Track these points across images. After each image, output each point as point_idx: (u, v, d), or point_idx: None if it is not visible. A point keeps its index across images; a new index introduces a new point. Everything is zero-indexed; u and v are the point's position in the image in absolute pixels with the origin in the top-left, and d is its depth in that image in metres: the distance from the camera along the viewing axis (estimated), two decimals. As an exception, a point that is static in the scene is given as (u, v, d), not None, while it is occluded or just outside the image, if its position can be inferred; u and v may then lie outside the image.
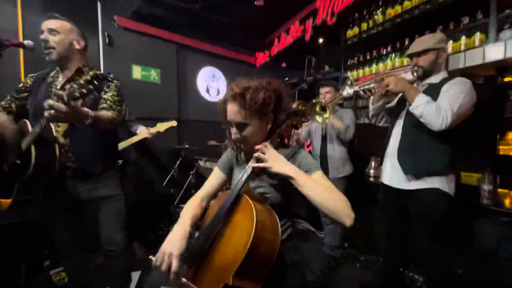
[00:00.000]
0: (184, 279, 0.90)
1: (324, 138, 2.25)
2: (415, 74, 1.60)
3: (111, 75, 1.43)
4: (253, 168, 0.98)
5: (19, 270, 1.88)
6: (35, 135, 1.22)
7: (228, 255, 0.88)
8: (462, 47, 1.86)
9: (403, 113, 1.63)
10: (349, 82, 1.65)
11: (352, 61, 2.83)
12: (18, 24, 2.27)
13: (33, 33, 2.30)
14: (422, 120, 1.43)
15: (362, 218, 2.55)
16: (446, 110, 1.35)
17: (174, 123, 2.56)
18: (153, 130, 2.46)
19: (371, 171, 2.62)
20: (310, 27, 2.86)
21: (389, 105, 1.80)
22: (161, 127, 2.54)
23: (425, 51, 1.53)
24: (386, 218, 1.81)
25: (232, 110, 0.98)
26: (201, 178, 2.95)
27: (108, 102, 1.34)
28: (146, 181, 2.96)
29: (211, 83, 3.72)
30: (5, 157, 1.26)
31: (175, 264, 0.89)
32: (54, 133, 1.30)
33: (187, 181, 2.86)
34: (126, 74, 2.87)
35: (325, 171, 1.70)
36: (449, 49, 1.90)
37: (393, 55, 2.37)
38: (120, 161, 1.65)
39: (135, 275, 2.07)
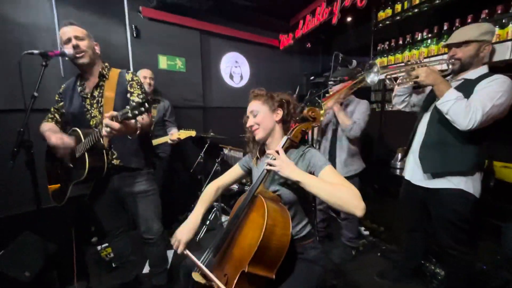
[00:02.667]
0: (186, 251, 1.17)
1: (334, 133, 2.14)
2: (450, 66, 1.51)
3: (129, 74, 1.56)
4: (266, 171, 1.10)
5: (71, 245, 2.20)
6: (89, 145, 1.39)
7: (244, 247, 1.04)
8: (510, 35, 1.68)
9: (431, 107, 1.56)
10: (375, 69, 1.57)
11: (382, 46, 2.67)
12: (54, 19, 2.43)
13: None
14: (448, 117, 1.36)
15: (385, 207, 2.56)
16: (476, 110, 1.27)
17: (193, 133, 2.71)
18: (174, 136, 2.62)
19: (397, 163, 2.57)
20: (338, 10, 2.71)
21: (418, 96, 1.72)
22: (182, 134, 2.70)
23: (466, 43, 1.41)
24: (406, 213, 1.82)
25: (254, 105, 1.21)
26: (226, 166, 3.08)
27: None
28: (176, 168, 3.17)
29: (234, 69, 3.73)
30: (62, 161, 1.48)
31: (180, 248, 1.18)
32: (102, 140, 1.47)
33: (213, 168, 3.01)
34: (153, 64, 2.97)
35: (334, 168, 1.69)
36: (494, 38, 1.73)
37: (429, 41, 2.20)
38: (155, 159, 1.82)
39: (170, 253, 2.32)
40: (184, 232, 1.21)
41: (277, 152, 1.11)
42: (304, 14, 3.43)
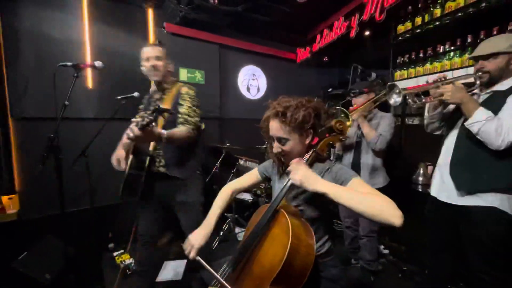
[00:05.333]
0: (198, 258, 1.14)
1: (357, 146, 2.10)
2: (478, 81, 1.45)
3: (185, 88, 1.67)
4: (290, 185, 1.05)
5: (90, 250, 2.25)
6: (128, 147, 1.51)
7: (265, 265, 0.97)
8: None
9: (460, 122, 1.50)
10: (397, 91, 1.55)
11: (402, 58, 2.63)
12: (85, 35, 2.61)
13: (98, 42, 2.67)
14: (478, 137, 1.31)
15: (406, 225, 2.43)
16: (508, 130, 1.20)
17: (202, 126, 2.75)
18: None
19: (420, 179, 2.47)
20: (356, 24, 2.72)
21: (445, 110, 1.65)
22: None
23: (494, 55, 1.36)
24: (432, 232, 1.71)
25: (274, 126, 1.07)
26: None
27: (184, 116, 1.59)
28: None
29: (251, 81, 3.80)
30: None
31: (192, 254, 1.14)
32: (150, 146, 1.57)
33: (229, 179, 3.03)
34: (174, 77, 3.09)
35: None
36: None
37: (452, 53, 2.15)
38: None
39: (181, 264, 2.32)
40: (197, 237, 1.18)
41: (297, 163, 1.04)
42: (322, 28, 3.48)
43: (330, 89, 2.01)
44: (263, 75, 3.88)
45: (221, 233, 2.81)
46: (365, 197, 0.90)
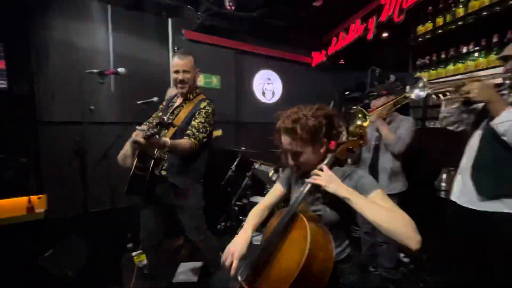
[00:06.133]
0: (239, 277, 1.05)
1: (376, 148, 2.04)
2: (508, 81, 1.37)
3: (205, 103, 1.69)
4: (309, 188, 1.03)
5: (109, 249, 2.32)
6: (133, 150, 1.56)
7: (283, 269, 0.97)
8: None
9: (484, 123, 1.42)
10: (421, 84, 1.48)
11: (423, 60, 2.55)
12: (109, 43, 2.74)
13: (120, 50, 2.79)
14: (505, 139, 1.23)
15: (428, 233, 2.33)
16: None
17: (219, 132, 2.78)
18: None
19: (442, 184, 2.36)
20: (373, 25, 2.68)
21: (471, 107, 1.57)
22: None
23: None
24: (454, 240, 1.63)
25: (286, 141, 1.07)
26: (256, 180, 3.10)
27: (193, 129, 1.61)
28: (206, 180, 3.25)
29: (266, 86, 3.82)
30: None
31: (235, 263, 1.07)
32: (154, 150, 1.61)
33: (244, 183, 3.04)
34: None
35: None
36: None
37: (476, 54, 2.06)
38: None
39: (197, 265, 2.33)
40: (237, 245, 1.13)
41: (321, 169, 1.04)
42: (338, 31, 3.45)
43: (347, 92, 1.97)
44: (278, 79, 3.88)
45: (235, 236, 2.81)
46: (386, 213, 0.88)
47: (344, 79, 4.06)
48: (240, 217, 3.05)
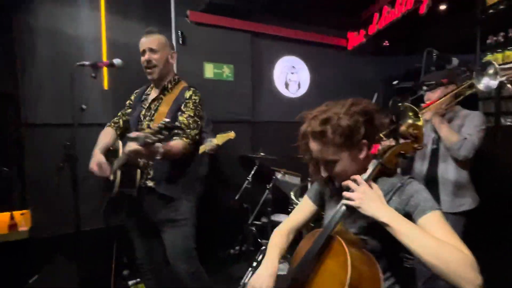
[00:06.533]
0: None
1: (433, 154, 1.96)
2: None
3: (189, 91, 1.71)
4: (345, 207, 1.02)
5: (103, 274, 2.40)
6: (122, 161, 1.59)
7: None
8: None
9: None
10: (491, 70, 1.42)
11: (495, 38, 2.47)
12: (101, 29, 2.87)
13: (115, 37, 2.92)
14: None
15: (505, 262, 2.21)
16: None
17: (232, 135, 2.80)
18: (209, 145, 2.76)
19: (525, 200, 2.24)
20: (428, -4, 2.63)
21: None
22: (219, 139, 2.80)
23: None
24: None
25: (315, 148, 1.05)
26: (279, 193, 3.10)
27: (183, 126, 1.61)
28: (216, 194, 3.29)
29: (290, 76, 3.83)
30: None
31: None
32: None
33: (263, 197, 3.04)
34: (198, 74, 3.26)
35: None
36: None
37: None
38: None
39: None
40: (263, 279, 1.13)
41: (356, 181, 1.01)
42: (381, 5, 3.40)
43: (395, 82, 1.93)
44: (305, 67, 3.89)
45: (255, 264, 2.81)
46: (436, 245, 0.85)
47: (389, 65, 4.00)
48: (259, 240, 3.05)
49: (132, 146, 1.33)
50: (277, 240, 1.27)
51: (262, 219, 3.14)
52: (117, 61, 1.72)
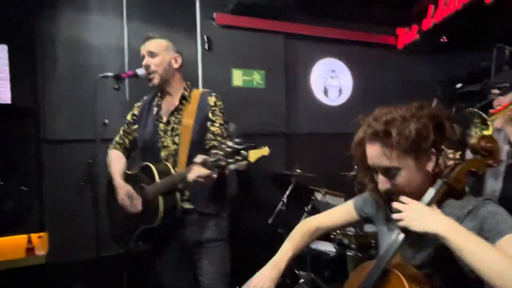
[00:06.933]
0: None
1: (509, 170, 1.88)
2: None
3: (212, 97, 1.77)
4: (405, 234, 0.98)
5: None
6: (166, 188, 1.62)
7: None
8: None
9: None
10: None
11: None
12: (124, 38, 3.07)
13: (137, 45, 3.08)
14: None
15: None
16: None
17: (266, 151, 2.82)
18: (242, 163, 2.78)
19: None
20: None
21: None
22: (252, 156, 2.82)
23: None
24: None
25: (375, 153, 1.03)
26: (319, 217, 3.05)
27: (218, 138, 1.68)
28: (245, 217, 3.32)
29: (330, 80, 3.83)
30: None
31: None
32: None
33: (300, 220, 3.01)
34: (225, 81, 3.35)
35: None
36: None
37: None
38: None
39: None
40: (263, 281, 1.19)
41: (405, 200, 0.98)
42: (437, -5, 3.34)
43: (459, 85, 1.84)
44: (347, 70, 3.88)
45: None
46: (504, 261, 0.81)
47: (449, 65, 3.89)
48: (296, 272, 3.01)
49: (201, 171, 1.40)
50: (299, 236, 1.29)
51: (300, 247, 3.09)
52: (141, 71, 1.78)
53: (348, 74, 3.88)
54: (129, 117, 1.96)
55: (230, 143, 1.46)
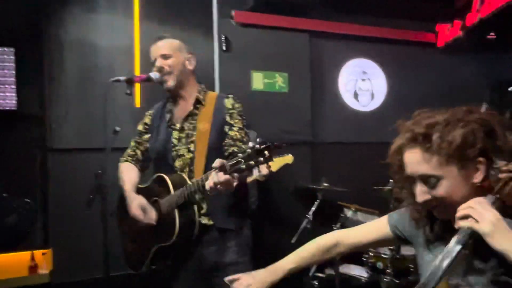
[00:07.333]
0: None
1: None
2: None
3: (229, 99, 1.77)
4: (461, 246, 0.95)
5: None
6: (182, 200, 1.62)
7: None
8: None
9: None
10: None
11: None
12: (134, 37, 3.14)
13: (149, 44, 3.13)
14: None
15: None
16: None
17: (289, 159, 2.80)
18: (264, 170, 2.76)
19: None
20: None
21: None
22: (274, 164, 2.79)
23: None
24: None
25: (413, 159, 1.01)
26: (349, 236, 3.01)
27: (237, 143, 1.67)
28: (266, 236, 3.31)
29: (360, 83, 3.81)
30: None
31: None
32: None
33: (329, 240, 2.97)
34: (244, 85, 3.38)
35: None
36: None
37: None
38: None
39: None
40: (255, 280, 1.19)
41: (478, 202, 0.93)
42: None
43: (511, 88, 1.77)
44: (380, 72, 3.85)
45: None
46: None
47: (498, 65, 3.84)
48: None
49: (220, 177, 1.37)
50: (310, 251, 1.27)
51: (327, 271, 3.04)
52: (154, 75, 1.79)
53: (381, 76, 3.86)
54: (140, 127, 1.98)
55: (250, 143, 1.42)
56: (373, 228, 1.29)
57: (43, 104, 2.91)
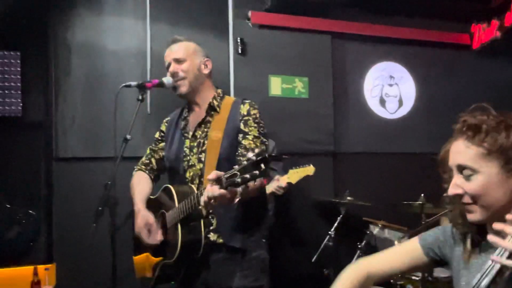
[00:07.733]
0: None
1: None
2: None
3: (246, 105, 1.78)
4: (496, 272, 0.94)
5: None
6: (184, 214, 1.62)
7: None
8: None
9: None
10: None
11: None
12: (146, 42, 3.21)
13: (161, 47, 3.19)
14: None
15: None
16: None
17: (310, 170, 2.78)
18: (283, 181, 2.76)
19: None
20: None
21: None
22: (293, 176, 2.78)
23: None
24: None
25: (457, 149, 1.04)
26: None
27: (250, 153, 1.64)
28: (286, 254, 3.28)
29: (388, 88, 3.80)
30: None
31: None
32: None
33: (353, 260, 2.94)
34: (261, 90, 3.40)
35: None
36: None
37: None
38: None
39: None
40: None
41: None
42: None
43: None
44: (409, 76, 3.85)
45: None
46: None
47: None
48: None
49: (214, 191, 1.35)
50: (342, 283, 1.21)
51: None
52: (167, 80, 1.81)
53: (410, 80, 3.85)
54: (156, 134, 2.02)
55: (250, 154, 1.38)
56: (404, 252, 1.28)
57: (49, 111, 2.98)
